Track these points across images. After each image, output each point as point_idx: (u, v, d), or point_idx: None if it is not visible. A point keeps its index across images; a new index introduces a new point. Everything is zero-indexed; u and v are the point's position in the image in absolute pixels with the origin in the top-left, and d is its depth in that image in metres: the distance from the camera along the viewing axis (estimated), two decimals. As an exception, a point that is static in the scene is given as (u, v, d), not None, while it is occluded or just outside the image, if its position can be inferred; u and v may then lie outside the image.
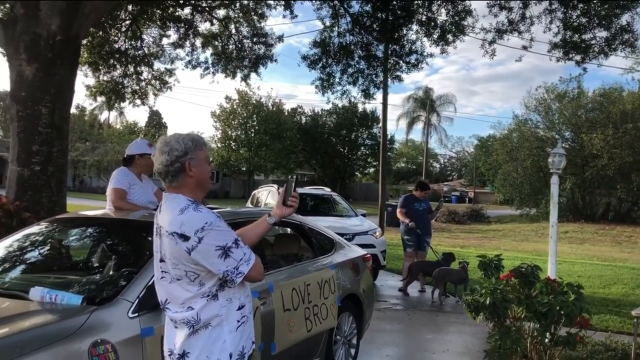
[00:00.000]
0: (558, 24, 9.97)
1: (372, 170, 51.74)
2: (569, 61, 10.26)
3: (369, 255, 5.51)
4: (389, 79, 13.83)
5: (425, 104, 47.75)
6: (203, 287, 2.25)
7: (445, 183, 70.67)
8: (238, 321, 2.34)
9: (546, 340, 4.92)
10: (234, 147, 40.21)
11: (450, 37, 11.35)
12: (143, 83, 15.58)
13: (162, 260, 2.32)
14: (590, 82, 71.07)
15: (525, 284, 5.13)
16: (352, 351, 4.98)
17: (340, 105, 44.18)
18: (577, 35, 9.74)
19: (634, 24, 9.82)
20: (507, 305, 4.82)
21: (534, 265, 5.20)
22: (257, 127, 39.66)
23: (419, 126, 52.76)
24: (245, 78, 14.87)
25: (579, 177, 26.38)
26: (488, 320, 5.00)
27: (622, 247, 18.58)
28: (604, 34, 9.65)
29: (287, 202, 2.58)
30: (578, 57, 10.09)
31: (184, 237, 2.18)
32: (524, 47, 10.91)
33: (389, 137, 48.25)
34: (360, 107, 45.13)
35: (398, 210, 9.24)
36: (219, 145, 41.33)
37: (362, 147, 48.26)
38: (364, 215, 10.80)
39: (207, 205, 4.61)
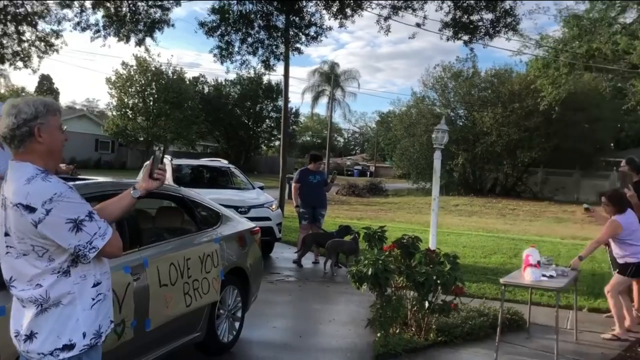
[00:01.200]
0: (449, 4, 10.34)
1: (277, 143, 51.60)
2: (457, 40, 10.73)
3: (257, 228, 5.46)
4: (290, 51, 13.71)
5: (330, 78, 48.06)
6: (53, 263, 2.11)
7: (349, 157, 72.07)
8: (93, 299, 2.21)
9: (425, 308, 5.16)
10: (130, 116, 38.40)
11: (348, 10, 11.41)
12: (26, 44, 14.39)
13: (6, 234, 2.13)
14: (485, 63, 74.91)
15: (406, 255, 5.33)
16: (237, 324, 4.95)
17: (244, 76, 43.50)
18: (465, 16, 10.16)
19: (516, 8, 10.40)
20: (388, 276, 4.98)
21: (415, 236, 5.41)
22: (156, 96, 38.06)
23: (324, 100, 53.15)
24: (140, 43, 14.14)
25: (470, 153, 27.85)
26: (371, 290, 5.16)
27: (506, 219, 19.91)
28: (490, 16, 10.16)
29: (153, 174, 2.46)
30: (466, 37, 10.54)
31: (30, 209, 2.03)
32: (418, 25, 11.20)
33: (293, 110, 48.27)
34: (265, 78, 44.70)
35: (292, 185, 9.27)
36: (115, 113, 39.31)
37: (267, 120, 47.88)
38: (261, 188, 10.73)
39: (78, 176, 4.34)
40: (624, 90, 24.78)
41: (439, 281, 4.86)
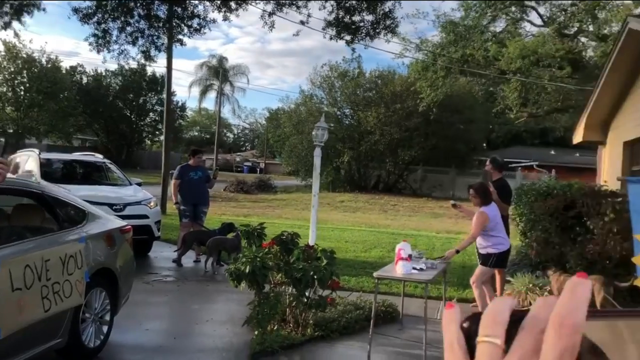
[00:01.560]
0: (332, 3, 10.54)
1: (162, 137, 49.73)
2: (340, 40, 10.97)
3: (128, 226, 5.18)
4: (172, 42, 13.24)
5: (219, 72, 47.24)
6: None
7: (238, 154, 71.31)
8: None
9: (302, 303, 5.19)
10: (-2, 106, 35.29)
11: (233, 4, 11.23)
12: None
13: None
14: (371, 64, 77.46)
15: (285, 251, 5.32)
16: (105, 328, 4.67)
17: (127, 67, 41.48)
18: (348, 16, 10.41)
19: (395, 11, 10.83)
20: (265, 273, 4.94)
21: (294, 233, 5.42)
22: (27, 85, 35.22)
23: (212, 95, 52.19)
24: (5, 26, 13.00)
25: (355, 151, 28.64)
26: (250, 288, 5.10)
27: (387, 215, 20.71)
28: (371, 17, 10.47)
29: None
30: (348, 37, 10.81)
31: None
32: (302, 22, 11.29)
33: (179, 104, 46.84)
34: (149, 70, 42.92)
35: (172, 181, 8.97)
36: (-20, 102, 35.88)
37: (151, 113, 45.98)
38: (139, 184, 10.27)
39: None
40: (494, 94, 26.75)
41: (315, 276, 4.90)
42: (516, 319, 0.42)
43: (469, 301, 7.07)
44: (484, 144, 36.40)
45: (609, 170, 9.79)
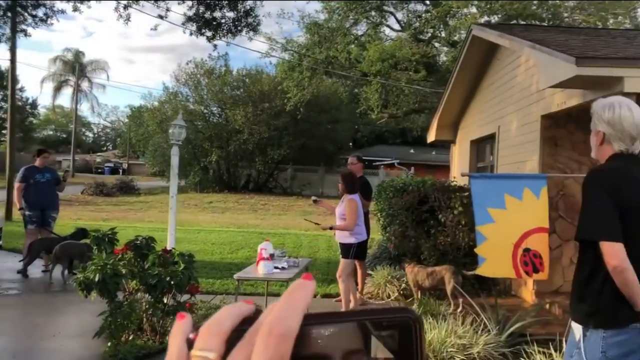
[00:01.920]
0: (192, -2, 10.20)
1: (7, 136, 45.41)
2: (201, 36, 10.66)
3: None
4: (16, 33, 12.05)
5: (75, 67, 44.11)
6: None
7: (99, 154, 67.22)
8: None
9: (159, 310, 4.94)
10: None
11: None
12: None
13: None
14: (239, 62, 76.90)
15: (140, 257, 5.03)
16: None
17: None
18: (208, 12, 10.14)
19: (256, 9, 10.75)
20: (117, 280, 4.63)
21: (149, 237, 5.14)
22: None
23: (68, 91, 48.60)
24: None
25: (224, 150, 28.23)
26: (102, 297, 4.75)
27: (257, 215, 20.65)
28: (232, 14, 10.30)
29: None
30: (209, 34, 10.53)
31: None
32: (160, 17, 10.81)
33: (29, 100, 43.08)
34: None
35: (16, 184, 8.16)
36: None
37: (-5, 111, 41.87)
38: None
39: None
40: (358, 95, 27.78)
41: (172, 282, 4.68)
42: (246, 327, 0.38)
43: (333, 296, 7.21)
44: (350, 143, 37.70)
45: (458, 167, 10.54)
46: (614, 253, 2.16)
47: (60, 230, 8.77)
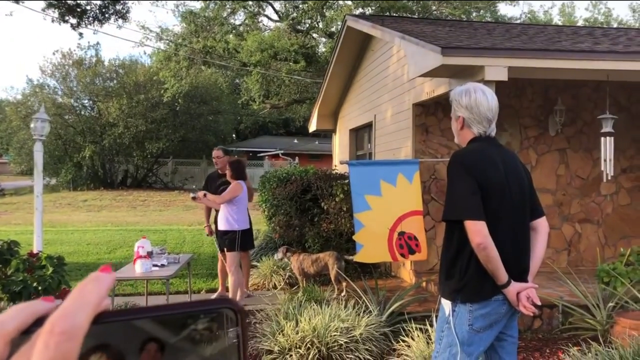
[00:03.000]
0: (50, -20, 9.40)
1: None
2: (64, 23, 9.89)
3: None
4: None
5: None
6: None
7: (-47, 153, 60.78)
8: None
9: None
10: None
11: None
12: None
13: None
14: (112, 53, 73.01)
15: (2, 263, 4.61)
16: None
17: None
18: (73, -2, 9.44)
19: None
20: (-26, 291, 4.21)
21: (12, 240, 4.73)
22: None
23: None
24: None
25: (98, 145, 26.71)
26: (-43, 311, 4.28)
27: (137, 211, 19.81)
28: (99, 1, 9.69)
29: None
30: (74, 21, 9.82)
31: None
32: (16, 0, 9.88)
33: None
34: None
35: None
36: None
37: None
38: None
39: None
40: (239, 86, 27.49)
41: (40, 287, 4.34)
42: (36, 328, 0.35)
43: (217, 290, 7.10)
44: (233, 135, 37.27)
45: (339, 155, 10.79)
46: (477, 231, 2.30)
47: None
